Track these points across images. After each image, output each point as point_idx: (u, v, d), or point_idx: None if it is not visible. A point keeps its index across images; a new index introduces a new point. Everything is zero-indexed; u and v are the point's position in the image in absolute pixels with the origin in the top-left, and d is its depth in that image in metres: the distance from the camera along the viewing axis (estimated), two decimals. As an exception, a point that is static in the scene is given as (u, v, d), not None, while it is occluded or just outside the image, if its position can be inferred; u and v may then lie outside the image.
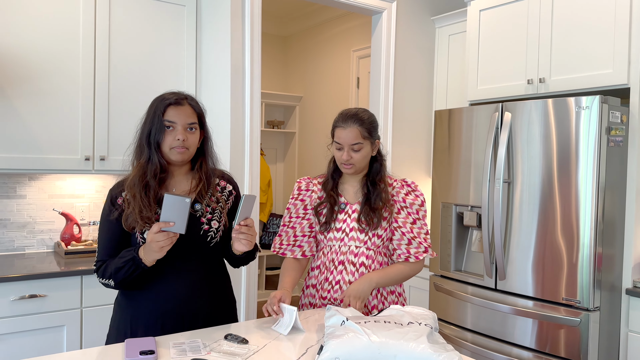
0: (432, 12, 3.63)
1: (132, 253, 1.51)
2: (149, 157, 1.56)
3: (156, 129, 1.55)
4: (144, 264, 1.50)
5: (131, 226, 1.55)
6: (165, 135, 1.56)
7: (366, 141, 1.79)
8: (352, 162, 1.79)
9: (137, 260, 1.49)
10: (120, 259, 1.53)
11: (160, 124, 1.55)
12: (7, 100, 2.48)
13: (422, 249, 1.82)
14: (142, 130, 1.59)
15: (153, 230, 1.43)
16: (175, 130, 1.56)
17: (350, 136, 1.77)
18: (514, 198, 2.49)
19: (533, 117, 2.41)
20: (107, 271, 1.55)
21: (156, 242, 1.43)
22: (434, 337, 1.39)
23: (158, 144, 1.56)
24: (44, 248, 2.86)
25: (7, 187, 2.75)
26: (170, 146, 1.56)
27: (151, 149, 1.56)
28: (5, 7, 2.46)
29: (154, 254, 1.47)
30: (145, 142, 1.56)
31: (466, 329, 2.71)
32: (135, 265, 1.50)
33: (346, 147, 1.78)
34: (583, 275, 2.25)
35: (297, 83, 5.47)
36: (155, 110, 1.57)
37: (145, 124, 1.58)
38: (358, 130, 1.77)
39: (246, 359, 1.34)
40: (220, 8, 2.87)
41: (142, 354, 1.32)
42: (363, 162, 1.81)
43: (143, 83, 2.84)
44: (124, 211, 1.56)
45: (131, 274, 1.51)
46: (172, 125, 1.56)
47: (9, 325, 2.25)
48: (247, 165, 2.85)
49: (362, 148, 1.78)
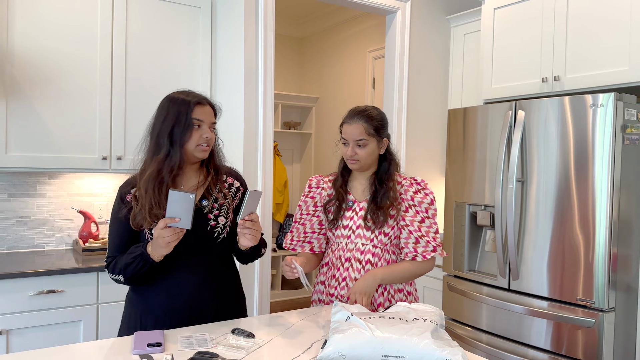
0: (447, 12, 3.61)
1: (140, 249, 1.54)
2: (168, 152, 1.57)
3: (183, 127, 1.56)
4: (152, 260, 1.53)
5: (139, 224, 1.58)
6: (192, 134, 1.58)
7: (372, 138, 1.79)
8: (356, 157, 1.80)
9: (146, 255, 1.53)
10: (129, 255, 1.56)
11: (189, 122, 1.57)
12: (28, 101, 2.55)
13: (431, 248, 1.81)
14: (161, 127, 1.58)
15: (159, 226, 1.47)
16: (201, 128, 1.60)
17: (355, 132, 1.78)
18: (527, 197, 2.47)
19: (548, 115, 2.38)
20: (117, 267, 1.59)
21: (163, 238, 1.46)
22: (439, 334, 1.39)
23: (183, 142, 1.58)
24: (63, 245, 2.93)
25: (27, 186, 2.82)
26: (196, 144, 1.59)
27: (174, 146, 1.57)
28: (26, 13, 2.53)
29: (161, 250, 1.50)
30: (167, 139, 1.57)
31: (481, 329, 2.69)
32: (144, 261, 1.53)
33: (351, 142, 1.79)
34: (598, 275, 2.22)
35: (313, 84, 5.50)
36: (180, 109, 1.58)
37: (166, 122, 1.58)
38: (363, 127, 1.78)
39: (251, 352, 1.36)
40: (234, 10, 2.91)
41: (149, 346, 1.35)
42: (368, 159, 1.81)
43: (159, 84, 2.89)
44: (132, 207, 1.60)
45: (140, 270, 1.55)
46: (199, 124, 1.59)
47: (28, 320, 2.31)
48: (260, 165, 2.88)
49: (367, 144, 1.79)
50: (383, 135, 1.83)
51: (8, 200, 2.77)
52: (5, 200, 2.76)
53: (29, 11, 2.54)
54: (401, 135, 3.42)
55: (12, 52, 2.51)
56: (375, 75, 4.59)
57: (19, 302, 2.29)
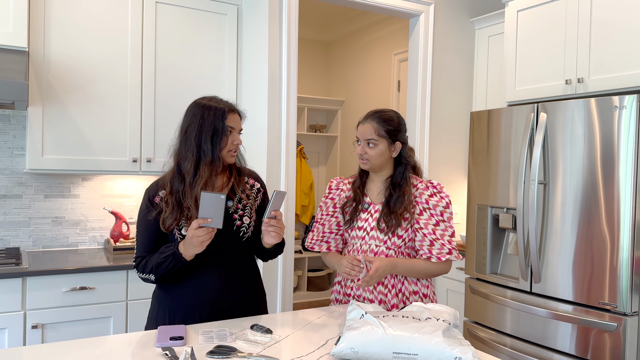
0: (472, 14, 3.61)
1: (172, 249, 1.62)
2: (212, 159, 1.65)
3: (220, 133, 1.65)
4: (184, 259, 1.61)
5: (170, 228, 1.66)
6: (225, 140, 1.66)
7: (382, 139, 1.83)
8: (366, 157, 1.84)
9: (178, 255, 1.60)
10: (160, 255, 1.64)
11: (224, 128, 1.65)
12: (62, 106, 2.68)
13: (446, 251, 1.82)
14: (201, 134, 1.65)
15: (193, 226, 1.54)
16: (232, 134, 1.68)
17: (366, 131, 1.83)
18: (550, 200, 2.46)
19: (574, 117, 2.37)
20: (148, 266, 1.67)
21: (197, 237, 1.54)
22: (451, 333, 1.42)
23: (220, 147, 1.66)
24: (95, 244, 3.05)
25: (62, 187, 2.96)
26: (228, 149, 1.68)
27: (215, 152, 1.65)
28: (61, 22, 2.66)
29: (194, 249, 1.57)
30: (210, 145, 1.64)
31: (504, 333, 2.68)
32: (176, 260, 1.61)
33: (362, 141, 1.85)
34: (622, 279, 2.20)
35: (339, 87, 5.54)
36: (216, 116, 1.65)
37: (205, 129, 1.65)
38: (374, 127, 1.82)
39: (267, 347, 1.42)
40: (258, 16, 2.98)
41: (171, 339, 1.42)
42: (378, 159, 1.85)
43: (187, 89, 2.99)
44: (162, 210, 1.67)
45: (172, 268, 1.62)
46: (231, 130, 1.68)
47: (61, 315, 2.42)
48: (283, 167, 2.94)
49: (376, 144, 1.83)
50: (396, 139, 1.86)
51: (44, 201, 2.91)
52: (41, 200, 2.90)
53: (64, 20, 2.67)
54: (424, 138, 3.44)
55: (49, 59, 2.64)
56: (400, 78, 4.61)
57: (53, 298, 2.41)
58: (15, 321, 2.33)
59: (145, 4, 2.86)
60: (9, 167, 2.82)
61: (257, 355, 1.35)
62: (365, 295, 1.85)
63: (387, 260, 1.75)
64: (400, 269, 1.79)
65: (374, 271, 1.68)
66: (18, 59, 2.45)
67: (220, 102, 1.71)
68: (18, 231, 2.85)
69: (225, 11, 3.08)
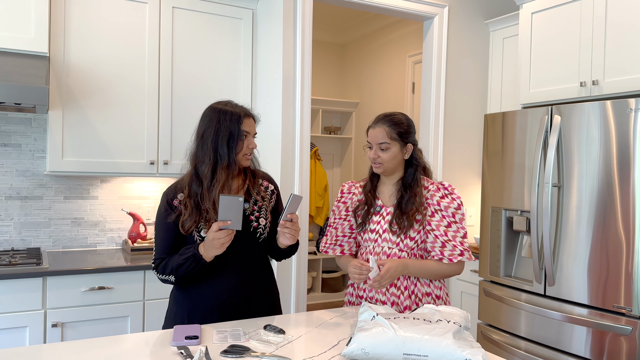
0: (486, 16, 3.61)
1: (192, 250, 1.66)
2: (229, 162, 1.69)
3: (236, 139, 1.69)
4: (204, 260, 1.65)
5: (189, 230, 1.69)
6: (240, 144, 1.70)
7: (394, 142, 1.84)
8: (379, 160, 1.85)
9: (198, 256, 1.64)
10: (180, 256, 1.68)
11: (239, 133, 1.69)
12: (81, 110, 2.74)
13: (457, 252, 1.83)
14: (218, 139, 1.69)
15: (213, 229, 1.58)
16: (248, 139, 1.72)
17: (378, 135, 1.84)
18: (564, 202, 2.45)
19: (587, 119, 2.36)
20: (168, 268, 1.71)
21: (217, 240, 1.58)
22: (462, 335, 1.43)
23: (236, 151, 1.70)
24: (114, 245, 3.11)
25: (81, 189, 3.02)
26: (244, 153, 1.72)
27: (231, 155, 1.69)
28: (81, 28, 2.72)
29: (214, 250, 1.62)
30: (226, 149, 1.68)
31: (518, 336, 2.68)
32: (196, 262, 1.65)
33: (374, 145, 1.86)
34: (637, 283, 2.18)
35: (353, 89, 5.56)
36: (231, 121, 1.69)
37: (221, 133, 1.68)
38: (386, 131, 1.84)
39: (280, 347, 1.44)
40: (273, 20, 3.02)
41: (187, 338, 1.45)
42: (391, 162, 1.86)
43: (203, 93, 3.04)
44: (180, 213, 1.71)
45: (192, 270, 1.67)
46: (247, 135, 1.72)
47: (80, 314, 2.48)
48: (297, 169, 2.97)
49: (389, 148, 1.84)
50: (407, 141, 1.88)
51: (64, 202, 2.98)
52: (61, 202, 2.97)
53: (83, 26, 2.73)
54: (438, 140, 3.44)
55: (68, 63, 2.70)
56: (415, 80, 4.61)
57: (72, 297, 2.47)
58: (35, 320, 2.39)
59: (162, 9, 2.91)
60: (30, 170, 2.89)
61: (269, 355, 1.37)
62: (378, 297, 1.87)
63: (399, 262, 1.76)
64: (411, 270, 1.80)
65: (385, 272, 1.69)
66: (39, 64, 2.52)
67: (236, 106, 1.74)
68: (39, 232, 2.92)
69: (240, 15, 3.13)
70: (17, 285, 2.35)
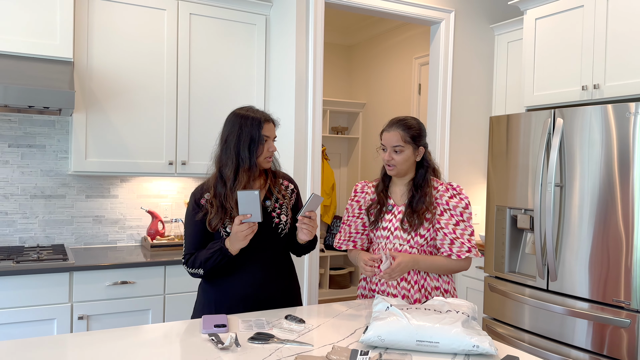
0: (491, 20, 3.72)
1: (219, 244, 1.80)
2: (250, 165, 1.82)
3: (257, 143, 1.81)
4: (230, 253, 1.78)
5: (216, 228, 1.83)
6: (261, 147, 1.83)
7: (408, 145, 1.96)
8: (393, 163, 1.97)
9: (224, 250, 1.78)
10: (208, 251, 1.81)
11: (260, 137, 1.82)
12: (103, 112, 2.87)
13: (465, 249, 1.95)
14: (240, 143, 1.81)
15: (235, 223, 1.72)
16: (268, 142, 1.85)
17: (392, 139, 1.96)
18: (566, 201, 2.56)
19: (589, 122, 2.47)
20: (197, 261, 1.84)
21: (241, 232, 1.72)
22: (470, 324, 1.54)
23: (257, 155, 1.83)
24: (133, 242, 3.24)
25: (102, 188, 3.15)
26: (265, 156, 1.85)
27: (252, 159, 1.82)
28: (103, 34, 2.85)
29: (239, 243, 1.75)
30: (247, 153, 1.81)
31: (522, 329, 2.79)
32: (223, 255, 1.78)
33: (389, 148, 1.97)
34: (636, 277, 2.29)
35: (360, 90, 5.68)
36: (252, 126, 1.82)
37: (243, 138, 1.81)
38: (400, 135, 1.95)
39: (301, 335, 1.57)
40: (286, 26, 3.14)
41: (216, 327, 1.57)
42: (404, 164, 1.98)
43: (219, 95, 3.16)
44: (207, 211, 1.84)
45: (219, 263, 1.80)
46: (267, 139, 1.85)
47: (104, 307, 2.61)
48: (309, 169, 3.09)
49: (403, 151, 1.96)
50: (419, 144, 1.99)
51: (86, 201, 3.11)
52: (83, 200, 3.10)
53: (105, 32, 2.86)
54: (445, 142, 3.55)
55: (91, 68, 2.83)
56: (421, 82, 4.72)
57: (97, 291, 2.59)
58: (63, 312, 2.52)
59: (180, 16, 3.04)
60: (54, 170, 3.02)
61: (293, 341, 1.50)
62: (389, 290, 1.99)
63: (410, 257, 1.88)
64: (421, 265, 1.92)
65: (396, 265, 1.81)
66: (64, 69, 2.65)
67: (257, 112, 1.87)
68: (62, 229, 3.05)
69: (254, 21, 3.25)
70: (45, 280, 2.48)
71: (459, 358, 1.43)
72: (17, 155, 2.94)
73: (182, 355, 1.39)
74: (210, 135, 3.12)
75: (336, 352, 1.38)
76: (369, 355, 1.34)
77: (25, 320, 2.44)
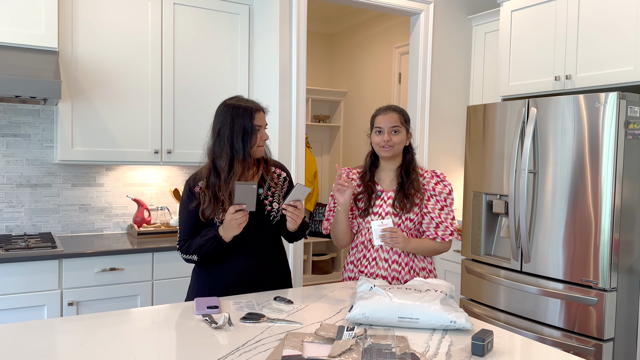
0: (469, 11, 3.81)
1: (213, 232, 1.86)
2: (244, 155, 1.87)
3: (250, 133, 1.87)
4: (223, 241, 1.86)
5: (209, 218, 1.89)
6: (254, 137, 1.89)
7: (402, 127, 2.08)
8: (390, 143, 2.06)
9: (218, 237, 1.85)
10: (202, 238, 1.88)
11: (253, 127, 1.87)
12: (89, 102, 2.90)
13: (449, 232, 2.08)
14: (233, 134, 1.86)
15: (230, 211, 1.79)
16: (260, 131, 1.91)
17: (390, 120, 2.06)
18: (539, 187, 2.69)
19: (562, 111, 2.59)
20: (191, 248, 1.91)
21: (235, 220, 1.78)
22: (447, 302, 1.65)
23: (251, 145, 1.88)
24: (119, 230, 3.29)
25: (88, 177, 3.18)
26: (257, 145, 1.91)
27: (246, 149, 1.87)
28: (87, 24, 2.87)
29: (233, 231, 1.82)
30: (241, 144, 1.86)
31: (498, 309, 2.93)
32: (216, 242, 1.86)
33: (386, 129, 2.06)
34: (603, 258, 2.44)
35: (342, 79, 5.75)
36: (244, 116, 1.87)
37: (236, 129, 1.86)
38: (397, 116, 2.07)
39: (290, 314, 1.66)
40: (269, 15, 3.19)
41: (208, 308, 1.65)
42: (400, 145, 2.09)
43: (203, 85, 3.21)
44: (201, 201, 1.90)
45: (213, 249, 1.87)
46: (259, 128, 1.90)
47: (94, 293, 2.66)
48: (293, 157, 3.17)
49: (400, 131, 2.07)
50: (409, 129, 2.12)
51: (72, 190, 3.14)
52: (69, 189, 3.13)
53: (90, 22, 2.88)
54: (424, 130, 3.66)
55: (76, 58, 2.85)
56: (402, 70, 4.81)
57: (86, 277, 2.65)
58: (53, 299, 2.57)
59: (163, 5, 3.06)
60: (39, 159, 3.04)
61: (282, 320, 1.58)
62: (379, 272, 2.08)
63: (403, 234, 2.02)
64: (412, 244, 2.05)
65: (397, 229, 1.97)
66: (50, 59, 2.67)
67: (247, 101, 1.92)
68: (48, 217, 3.08)
69: (237, 11, 3.29)
70: (35, 267, 2.52)
71: (438, 333, 1.54)
72: (2, 145, 2.95)
73: (178, 335, 1.46)
74: (195, 124, 3.17)
75: (324, 329, 1.47)
76: (355, 331, 1.44)
77: (15, 307, 2.48)
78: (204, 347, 1.37)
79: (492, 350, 1.43)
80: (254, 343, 1.41)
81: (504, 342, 1.50)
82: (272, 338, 1.45)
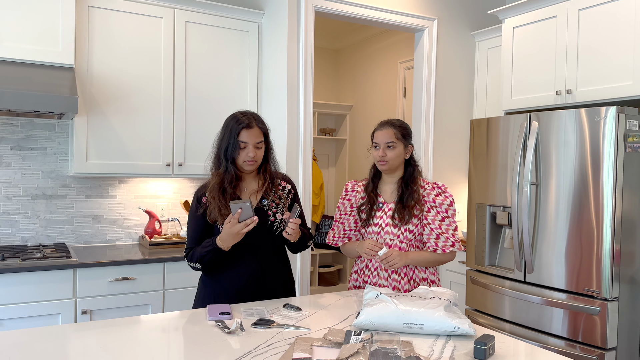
0: (472, 27, 3.91)
1: (211, 243, 1.94)
2: (226, 168, 1.98)
3: (232, 147, 1.96)
4: (222, 250, 1.93)
5: (214, 220, 1.97)
6: (239, 152, 1.96)
7: (399, 142, 2.14)
8: (386, 159, 2.13)
9: (217, 249, 1.93)
10: (202, 248, 1.97)
11: (235, 143, 1.95)
12: (103, 116, 3.00)
13: (450, 243, 2.13)
14: (220, 145, 2.00)
15: (227, 222, 1.87)
16: (247, 148, 1.97)
17: (386, 136, 2.13)
18: (542, 199, 2.75)
19: (564, 125, 2.66)
20: (194, 256, 1.99)
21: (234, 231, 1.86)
22: (451, 309, 1.71)
23: (233, 158, 1.97)
24: (131, 240, 3.36)
25: (101, 189, 3.27)
26: (243, 160, 1.98)
27: (228, 162, 1.97)
28: (102, 40, 2.98)
29: (230, 241, 1.89)
30: (223, 156, 1.98)
31: (503, 319, 2.98)
32: (215, 252, 1.93)
33: (382, 145, 2.14)
34: (605, 269, 2.49)
35: (347, 93, 5.84)
36: (232, 132, 1.96)
37: (222, 141, 1.99)
38: (393, 132, 2.14)
39: (299, 320, 1.72)
40: (277, 33, 3.29)
41: (221, 314, 1.72)
42: (396, 161, 2.15)
43: (213, 100, 3.30)
44: (207, 207, 1.98)
45: (213, 258, 1.95)
46: (245, 145, 1.97)
47: (107, 302, 2.73)
48: (300, 170, 3.25)
49: (395, 147, 2.13)
50: (408, 142, 2.18)
51: (85, 201, 3.23)
52: (83, 201, 3.22)
53: (105, 39, 2.99)
54: (429, 143, 3.73)
55: (92, 74, 2.95)
56: (406, 85, 4.90)
57: (99, 287, 2.72)
58: (67, 307, 2.64)
59: (176, 23, 3.17)
60: (55, 171, 3.14)
61: (292, 325, 1.65)
62: (381, 282, 2.15)
63: (400, 252, 2.07)
64: (411, 257, 2.10)
65: (391, 251, 2.03)
66: (67, 75, 2.77)
67: (244, 117, 1.98)
68: (62, 228, 3.17)
69: (247, 29, 3.39)
70: (50, 277, 2.60)
71: (442, 338, 1.60)
72: (19, 158, 3.05)
73: (193, 339, 1.53)
74: (205, 137, 3.26)
75: (332, 334, 1.54)
76: (362, 336, 1.50)
77: (31, 315, 2.56)
78: (218, 351, 1.44)
79: (494, 354, 1.48)
80: (265, 347, 1.47)
81: (506, 347, 1.56)
82: (282, 342, 1.51)
